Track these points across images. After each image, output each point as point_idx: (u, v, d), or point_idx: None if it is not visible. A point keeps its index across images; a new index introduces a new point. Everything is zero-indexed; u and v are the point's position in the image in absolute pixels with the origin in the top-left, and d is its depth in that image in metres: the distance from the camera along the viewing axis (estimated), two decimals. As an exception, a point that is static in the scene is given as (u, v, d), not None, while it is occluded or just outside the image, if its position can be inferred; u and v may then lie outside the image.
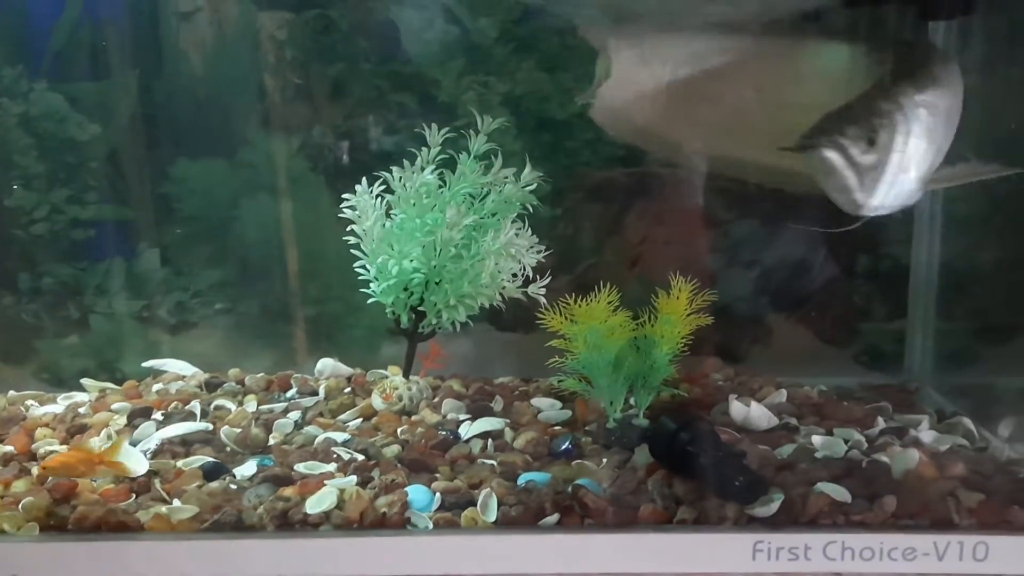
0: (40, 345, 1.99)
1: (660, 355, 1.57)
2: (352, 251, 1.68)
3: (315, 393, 1.82)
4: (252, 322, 2.07)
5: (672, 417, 1.42)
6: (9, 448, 1.59)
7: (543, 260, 1.66)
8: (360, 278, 1.69)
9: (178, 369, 1.92)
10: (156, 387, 1.85)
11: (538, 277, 1.64)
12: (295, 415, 1.71)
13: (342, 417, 1.70)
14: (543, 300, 1.63)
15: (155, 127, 1.93)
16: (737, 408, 1.62)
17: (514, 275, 1.65)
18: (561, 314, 1.55)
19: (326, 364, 1.93)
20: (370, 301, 1.69)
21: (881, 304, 2.04)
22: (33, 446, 1.60)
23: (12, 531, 1.37)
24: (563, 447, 1.52)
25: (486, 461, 1.47)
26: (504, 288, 1.66)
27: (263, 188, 1.94)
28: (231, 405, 1.74)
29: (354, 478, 1.41)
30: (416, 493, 1.36)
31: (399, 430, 1.62)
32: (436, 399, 1.74)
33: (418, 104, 1.93)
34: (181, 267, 2.00)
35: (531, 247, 1.65)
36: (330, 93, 1.91)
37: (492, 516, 1.33)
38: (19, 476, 1.47)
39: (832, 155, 1.35)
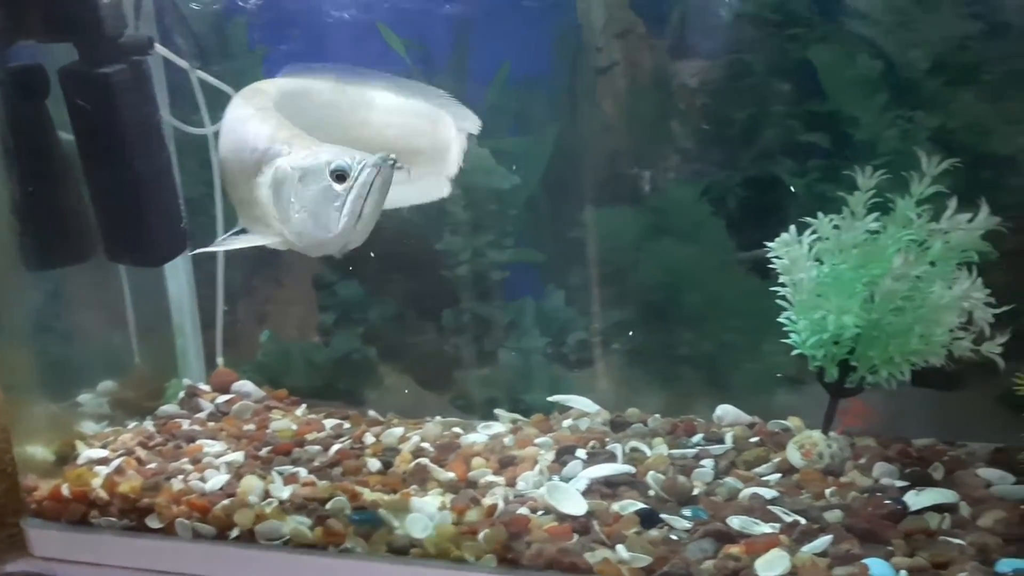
0: (456, 375, 2.18)
1: None
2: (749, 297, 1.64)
3: (721, 441, 1.79)
4: (643, 362, 2.10)
5: None
6: (451, 475, 1.74)
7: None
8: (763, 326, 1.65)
9: (582, 406, 2.00)
10: (566, 423, 1.93)
11: (995, 334, 1.48)
12: (708, 463, 1.69)
13: (758, 470, 1.66)
14: (999, 360, 1.47)
15: (567, 176, 2.04)
16: None
17: (964, 330, 1.50)
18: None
19: (726, 411, 1.91)
20: (794, 353, 1.63)
21: None
22: (470, 475, 1.74)
23: (471, 559, 1.49)
24: (1045, 532, 1.34)
25: (951, 540, 1.34)
26: (950, 345, 1.51)
27: (666, 232, 1.97)
28: (644, 448, 1.76)
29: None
30: (877, 568, 1.27)
31: (827, 491, 1.54)
32: (861, 460, 1.63)
33: (831, 143, 1.84)
34: (584, 307, 2.08)
35: (986, 300, 1.49)
36: (738, 137, 1.89)
37: (971, 605, 1.21)
38: (469, 506, 1.60)
39: None
